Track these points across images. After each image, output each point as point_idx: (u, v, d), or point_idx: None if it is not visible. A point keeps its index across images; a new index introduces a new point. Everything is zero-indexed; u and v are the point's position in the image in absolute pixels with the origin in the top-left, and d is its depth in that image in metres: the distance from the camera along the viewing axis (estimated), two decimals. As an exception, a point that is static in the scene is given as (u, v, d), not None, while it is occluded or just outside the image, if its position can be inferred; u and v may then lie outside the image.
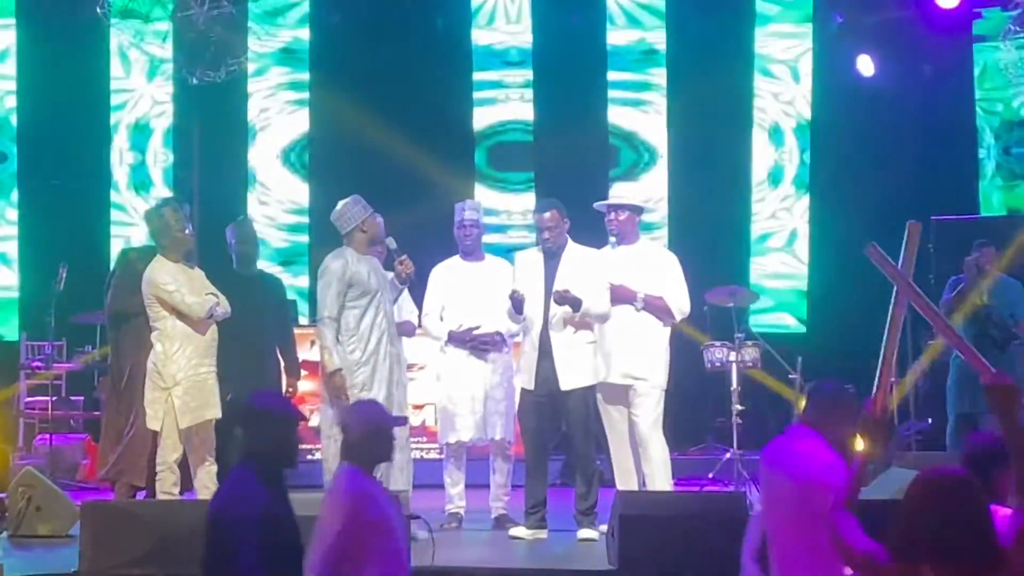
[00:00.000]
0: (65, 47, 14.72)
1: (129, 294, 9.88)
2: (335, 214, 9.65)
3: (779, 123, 15.80)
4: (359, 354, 9.41)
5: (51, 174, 14.98)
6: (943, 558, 4.60)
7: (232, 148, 15.47)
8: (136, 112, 15.44)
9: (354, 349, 9.41)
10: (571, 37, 15.71)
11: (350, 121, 14.87)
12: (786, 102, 15.81)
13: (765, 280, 15.59)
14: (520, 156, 15.83)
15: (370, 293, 9.42)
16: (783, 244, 15.80)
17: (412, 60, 15.20)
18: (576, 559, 9.05)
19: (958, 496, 4.65)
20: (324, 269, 9.50)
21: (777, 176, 15.81)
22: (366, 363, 9.41)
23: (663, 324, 9.93)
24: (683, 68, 15.58)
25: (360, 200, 9.62)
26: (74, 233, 14.71)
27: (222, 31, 12.76)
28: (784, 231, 15.80)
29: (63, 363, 13.76)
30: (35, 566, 8.40)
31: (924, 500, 4.68)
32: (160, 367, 9.37)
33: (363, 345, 9.41)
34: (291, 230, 15.63)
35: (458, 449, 10.30)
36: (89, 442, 13.02)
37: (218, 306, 9.50)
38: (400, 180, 14.07)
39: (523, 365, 9.95)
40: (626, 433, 9.92)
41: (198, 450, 9.43)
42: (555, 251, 9.82)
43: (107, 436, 10.42)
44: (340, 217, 9.61)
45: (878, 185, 15.04)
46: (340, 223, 9.61)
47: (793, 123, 15.79)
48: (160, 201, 10.48)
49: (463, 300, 10.20)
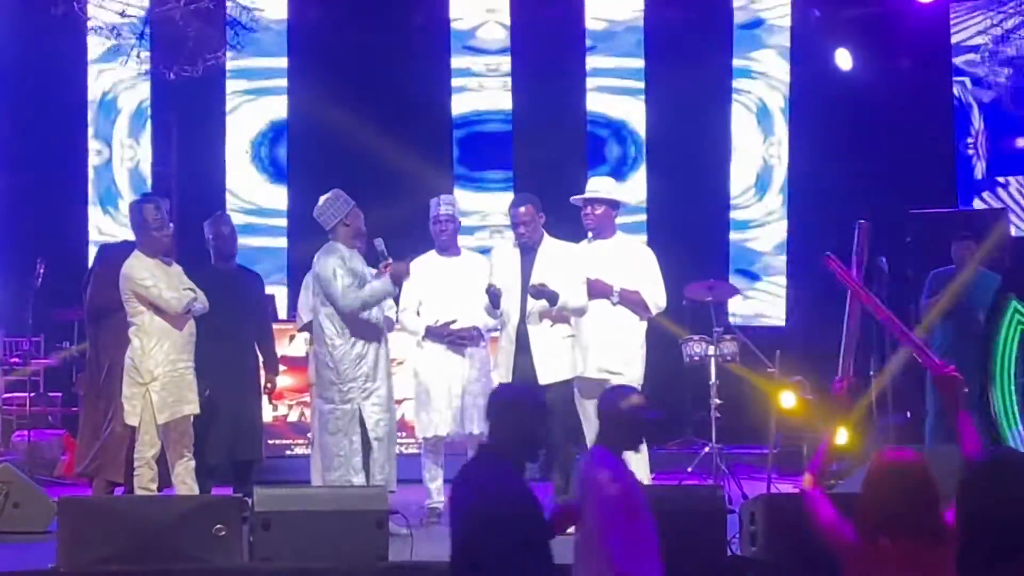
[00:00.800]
0: (41, 42, 14.64)
1: (107, 290, 9.86)
2: (317, 210, 9.66)
3: (758, 117, 15.81)
4: (360, 346, 9.47)
5: (27, 169, 14.93)
6: (901, 534, 5.02)
7: (210, 143, 15.43)
8: (113, 106, 15.38)
9: (355, 342, 9.45)
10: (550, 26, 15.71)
11: (327, 116, 14.84)
12: (763, 96, 15.83)
13: (744, 274, 15.61)
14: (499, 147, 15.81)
15: (366, 285, 9.47)
16: (761, 238, 15.82)
17: (389, 51, 15.18)
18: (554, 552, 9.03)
19: (915, 478, 5.08)
20: (323, 264, 9.51)
21: (755, 169, 15.83)
22: (366, 355, 9.49)
23: (639, 318, 9.95)
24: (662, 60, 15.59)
25: (341, 194, 9.64)
26: (51, 228, 14.67)
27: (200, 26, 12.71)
28: (762, 225, 15.81)
29: (41, 359, 13.74)
30: (12, 562, 8.37)
31: (884, 481, 5.11)
32: (137, 362, 9.35)
33: (363, 339, 9.47)
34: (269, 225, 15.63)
35: (436, 444, 10.30)
36: (67, 438, 12.99)
37: (196, 301, 9.48)
38: (376, 175, 14.08)
39: (500, 360, 9.96)
40: (602, 427, 9.93)
41: (176, 446, 9.41)
42: (531, 246, 9.83)
43: (85, 432, 10.41)
44: (323, 213, 9.62)
45: (856, 179, 15.08)
46: (323, 219, 9.63)
47: (772, 117, 15.81)
48: (141, 197, 10.45)
49: (440, 295, 10.19)
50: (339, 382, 9.47)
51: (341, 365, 9.48)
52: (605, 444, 6.13)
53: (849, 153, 15.19)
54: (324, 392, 9.56)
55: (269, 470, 11.43)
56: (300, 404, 12.79)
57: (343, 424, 9.44)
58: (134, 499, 9.11)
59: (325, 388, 9.54)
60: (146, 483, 9.29)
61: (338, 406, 9.47)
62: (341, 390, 9.46)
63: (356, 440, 9.44)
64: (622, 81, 15.84)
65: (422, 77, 15.52)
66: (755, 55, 15.83)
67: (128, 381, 9.41)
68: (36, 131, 14.93)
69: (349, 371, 9.46)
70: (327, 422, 9.51)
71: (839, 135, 15.29)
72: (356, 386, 9.44)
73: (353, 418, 9.45)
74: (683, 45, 15.44)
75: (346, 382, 9.47)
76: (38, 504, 9.73)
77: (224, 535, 8.02)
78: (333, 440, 9.46)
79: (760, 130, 15.85)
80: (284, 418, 13.09)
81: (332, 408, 9.49)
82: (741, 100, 15.85)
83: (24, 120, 15.02)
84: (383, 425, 9.51)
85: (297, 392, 12.72)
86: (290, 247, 15.39)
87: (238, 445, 10.49)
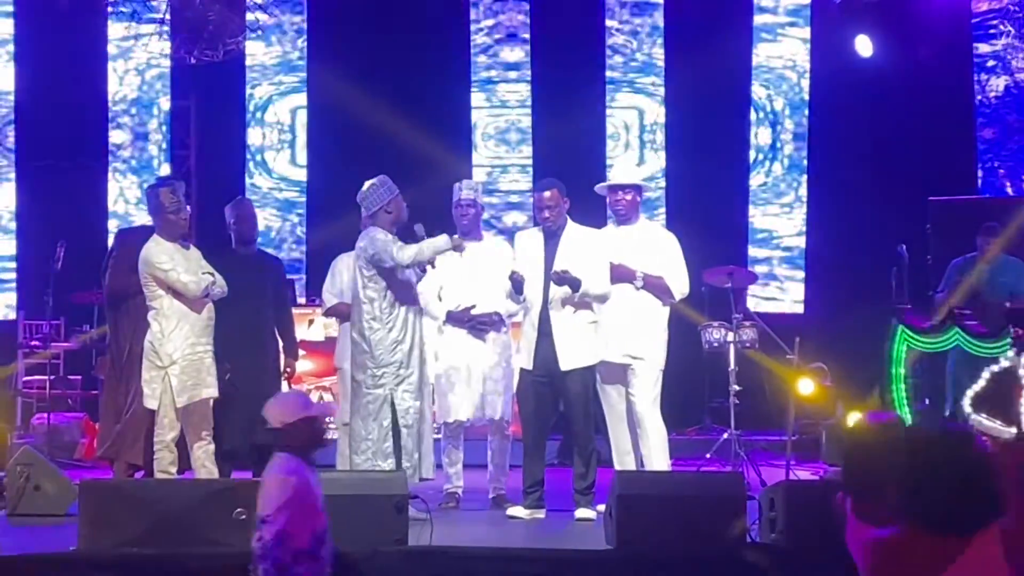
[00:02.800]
0: (63, 26, 14.68)
1: (127, 274, 9.87)
2: (361, 194, 9.67)
3: (776, 104, 15.78)
4: (397, 332, 9.50)
5: (49, 152, 14.96)
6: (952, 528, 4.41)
7: (229, 127, 15.44)
8: (134, 90, 15.40)
9: (392, 327, 9.48)
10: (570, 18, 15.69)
11: (347, 101, 14.83)
12: (783, 82, 15.79)
13: (763, 260, 15.58)
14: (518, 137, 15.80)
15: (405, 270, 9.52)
16: (780, 225, 15.79)
17: (409, 41, 15.19)
18: (574, 539, 9.05)
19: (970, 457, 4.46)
20: (372, 236, 9.51)
21: (775, 157, 15.79)
22: (403, 341, 9.52)
23: (662, 304, 9.95)
24: (681, 48, 15.57)
25: (387, 181, 9.65)
26: (72, 211, 14.70)
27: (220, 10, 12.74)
28: (781, 212, 15.78)
29: (61, 342, 13.78)
30: (33, 544, 8.39)
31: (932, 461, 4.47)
32: (157, 346, 9.37)
33: (400, 323, 9.51)
34: (287, 208, 15.63)
35: (456, 429, 10.30)
36: (87, 421, 13.02)
37: (214, 285, 9.49)
38: (397, 160, 14.05)
39: (522, 345, 9.95)
40: (624, 413, 9.95)
41: (195, 429, 9.43)
42: (555, 231, 9.81)
43: (106, 415, 10.43)
44: (366, 198, 9.64)
45: (876, 166, 15.06)
46: (366, 203, 9.65)
47: (791, 103, 15.77)
48: (158, 181, 10.44)
49: (461, 280, 10.19)
50: (373, 366, 9.47)
51: (377, 349, 9.48)
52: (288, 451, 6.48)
53: (869, 140, 15.17)
54: (357, 375, 9.56)
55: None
56: (319, 388, 12.80)
57: (373, 408, 9.45)
58: (154, 482, 9.12)
59: (358, 371, 9.54)
60: (166, 466, 9.31)
61: (370, 390, 9.47)
62: (375, 374, 9.47)
63: (387, 425, 9.45)
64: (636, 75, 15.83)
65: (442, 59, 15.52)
66: (775, 42, 15.77)
67: (147, 365, 9.42)
68: (57, 114, 14.94)
69: (384, 356, 9.47)
70: (358, 406, 9.51)
71: (859, 122, 15.26)
72: (390, 371, 9.46)
73: (385, 403, 9.45)
74: (703, 29, 15.41)
75: (380, 367, 9.48)
76: (59, 487, 9.75)
77: (244, 518, 8.02)
78: (363, 424, 9.47)
79: (779, 117, 15.79)
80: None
81: (364, 392, 9.49)
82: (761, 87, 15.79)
83: (45, 104, 15.03)
84: (412, 412, 9.51)
85: (316, 377, 12.74)
86: (308, 234, 15.40)
87: (257, 429, 10.50)
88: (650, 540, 8.17)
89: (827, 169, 15.54)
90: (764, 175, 15.81)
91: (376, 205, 9.60)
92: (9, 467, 9.80)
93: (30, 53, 15.13)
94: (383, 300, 9.50)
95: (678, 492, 8.52)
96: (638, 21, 15.81)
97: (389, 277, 9.50)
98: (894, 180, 15.00)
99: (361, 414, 9.50)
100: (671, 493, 8.49)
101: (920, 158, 14.95)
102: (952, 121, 15.44)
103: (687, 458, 12.12)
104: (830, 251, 15.36)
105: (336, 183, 14.03)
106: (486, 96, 15.85)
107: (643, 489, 8.50)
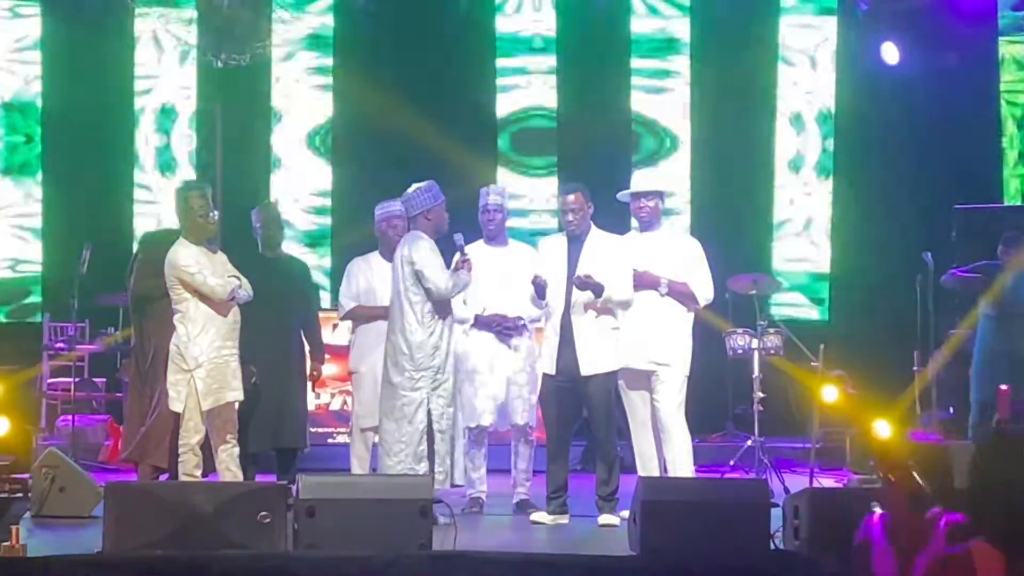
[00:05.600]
0: (91, 30, 14.73)
1: (152, 277, 9.90)
2: (405, 196, 9.72)
3: (801, 111, 15.76)
4: (436, 338, 9.51)
5: (76, 156, 15.01)
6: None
7: (256, 131, 15.46)
8: (161, 94, 15.43)
9: (432, 331, 9.50)
10: (595, 24, 15.69)
11: (374, 107, 14.85)
12: (809, 90, 15.77)
13: (788, 268, 15.55)
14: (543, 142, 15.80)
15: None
16: (805, 232, 15.76)
17: (436, 46, 15.21)
18: (597, 544, 9.04)
19: None
20: (418, 248, 9.51)
21: (799, 164, 15.77)
22: (440, 347, 9.54)
23: (687, 310, 9.95)
24: (706, 56, 15.56)
25: (434, 187, 9.68)
26: (98, 214, 14.75)
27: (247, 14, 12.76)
28: (806, 219, 15.76)
29: (86, 345, 13.81)
30: (58, 546, 8.41)
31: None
32: (182, 349, 9.39)
33: (439, 329, 9.53)
34: (315, 213, 15.64)
35: (480, 434, 10.31)
36: (111, 423, 13.06)
37: (240, 288, 9.51)
38: (424, 165, 14.00)
39: (545, 350, 9.95)
40: (648, 419, 9.94)
41: (220, 432, 9.46)
42: (579, 236, 9.81)
43: (131, 418, 10.46)
44: (409, 200, 9.69)
45: (901, 174, 15.05)
46: (408, 205, 9.71)
47: (816, 111, 15.75)
48: (186, 184, 10.45)
49: (486, 285, 10.19)
50: (412, 369, 9.48)
51: (417, 353, 9.48)
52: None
53: (895, 147, 15.14)
54: (394, 377, 9.55)
55: (310, 458, 11.47)
56: (343, 392, 12.82)
57: (409, 411, 9.45)
58: (179, 485, 9.13)
59: (396, 373, 9.54)
60: (191, 469, 9.34)
61: (407, 392, 9.47)
62: (412, 377, 9.47)
63: (422, 428, 9.44)
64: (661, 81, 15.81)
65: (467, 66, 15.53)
66: (801, 49, 15.75)
67: (173, 368, 9.45)
68: (84, 118, 14.98)
69: (424, 360, 9.47)
70: (392, 408, 9.51)
71: (885, 129, 15.23)
72: (427, 376, 9.47)
73: (421, 406, 9.45)
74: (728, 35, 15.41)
75: (419, 370, 9.48)
76: (84, 489, 9.79)
77: (269, 522, 8.04)
78: (396, 426, 9.48)
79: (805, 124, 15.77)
80: (326, 406, 13.14)
81: (400, 394, 9.50)
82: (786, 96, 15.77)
83: (71, 107, 15.07)
84: (447, 418, 9.53)
85: (340, 381, 12.75)
86: (333, 237, 15.41)
87: (281, 433, 10.55)
88: (674, 546, 8.16)
89: (853, 176, 15.51)
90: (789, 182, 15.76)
91: (416, 209, 9.63)
92: (34, 469, 9.84)
93: (57, 56, 15.16)
94: (425, 304, 9.51)
95: (702, 498, 8.51)
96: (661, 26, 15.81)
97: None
98: (919, 188, 14.98)
99: (395, 416, 9.49)
100: (695, 499, 8.48)
101: (945, 166, 14.92)
102: (978, 129, 15.40)
103: (711, 465, 12.12)
104: (855, 258, 15.34)
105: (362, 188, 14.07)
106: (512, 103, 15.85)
107: (667, 495, 8.50)
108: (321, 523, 7.97)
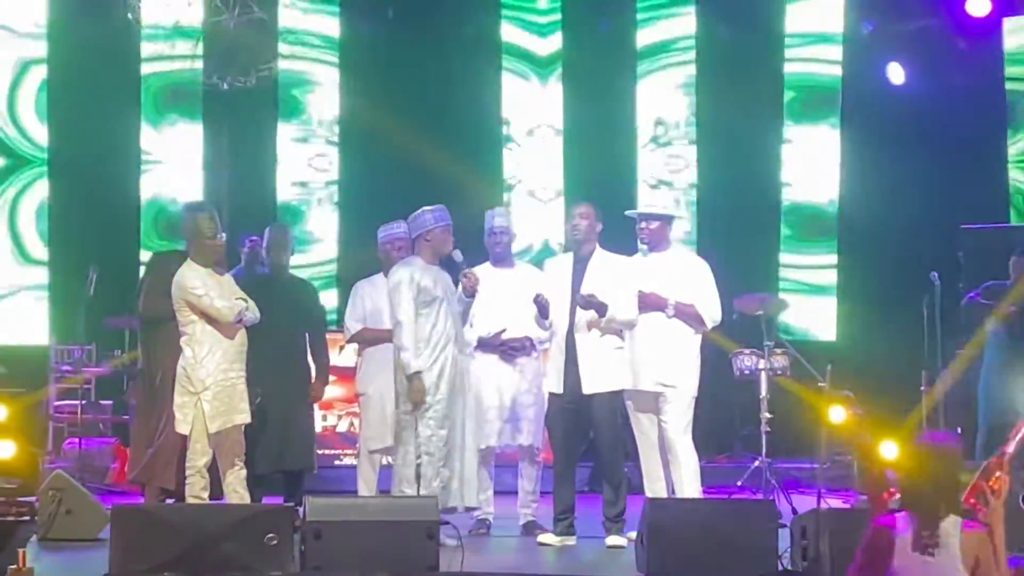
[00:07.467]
0: (96, 52, 14.71)
1: (160, 299, 9.89)
2: (412, 216, 9.72)
3: (808, 130, 15.77)
4: (425, 359, 9.45)
5: (80, 177, 14.98)
6: None
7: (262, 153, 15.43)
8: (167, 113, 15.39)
9: (421, 354, 9.45)
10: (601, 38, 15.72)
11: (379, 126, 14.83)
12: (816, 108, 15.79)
13: (795, 288, 15.54)
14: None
15: (436, 301, 9.50)
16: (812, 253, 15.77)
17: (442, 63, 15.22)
18: (605, 566, 9.05)
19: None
20: (393, 279, 9.58)
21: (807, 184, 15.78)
22: (430, 369, 9.46)
23: (694, 331, 9.94)
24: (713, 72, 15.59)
25: (438, 210, 9.70)
26: (105, 237, 14.73)
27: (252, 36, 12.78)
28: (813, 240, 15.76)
29: (93, 367, 13.80)
30: (65, 569, 8.43)
31: None
32: (189, 371, 9.39)
33: (429, 351, 9.47)
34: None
35: (486, 454, 10.30)
36: (118, 446, 13.04)
37: (247, 311, 9.51)
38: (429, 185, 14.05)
39: (550, 369, 9.97)
40: (656, 441, 9.93)
41: (227, 455, 9.45)
42: (584, 255, 9.83)
43: (138, 440, 10.46)
44: (412, 221, 9.72)
45: (908, 194, 15.03)
46: (410, 228, 9.76)
47: (823, 130, 15.76)
48: (194, 205, 10.44)
49: (493, 306, 10.18)
50: (403, 392, 9.49)
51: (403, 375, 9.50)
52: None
53: (901, 167, 15.13)
54: (399, 401, 9.58)
55: (317, 480, 11.47)
56: (350, 414, 12.82)
57: (406, 435, 9.45)
58: (186, 507, 9.14)
59: (400, 397, 9.56)
60: (198, 491, 9.32)
61: (402, 415, 9.49)
62: (404, 399, 9.49)
63: (412, 451, 9.42)
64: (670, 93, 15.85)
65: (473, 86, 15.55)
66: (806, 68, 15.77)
67: (180, 390, 9.45)
68: (90, 138, 14.95)
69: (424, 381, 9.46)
70: (397, 432, 9.56)
71: (891, 149, 15.23)
72: None
73: (410, 429, 9.45)
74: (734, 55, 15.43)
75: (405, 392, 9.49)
76: (90, 511, 9.78)
77: (276, 544, 8.04)
78: (399, 448, 9.51)
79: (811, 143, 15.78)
80: (333, 428, 13.13)
81: (400, 416, 9.53)
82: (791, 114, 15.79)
83: (77, 128, 15.05)
84: (435, 440, 9.47)
85: (347, 402, 12.75)
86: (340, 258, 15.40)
87: (288, 454, 10.55)
88: (681, 567, 8.17)
89: (859, 194, 15.50)
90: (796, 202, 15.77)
91: (417, 231, 9.66)
92: (41, 491, 9.81)
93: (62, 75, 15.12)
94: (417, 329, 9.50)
95: (710, 519, 8.51)
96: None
97: (424, 308, 9.51)
98: (926, 208, 14.97)
99: (399, 439, 9.51)
100: (703, 520, 8.48)
101: (952, 186, 14.92)
102: (984, 149, 15.40)
103: (718, 486, 12.09)
104: (863, 279, 15.33)
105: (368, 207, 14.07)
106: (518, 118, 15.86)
107: (675, 516, 8.51)
108: (328, 545, 7.98)
